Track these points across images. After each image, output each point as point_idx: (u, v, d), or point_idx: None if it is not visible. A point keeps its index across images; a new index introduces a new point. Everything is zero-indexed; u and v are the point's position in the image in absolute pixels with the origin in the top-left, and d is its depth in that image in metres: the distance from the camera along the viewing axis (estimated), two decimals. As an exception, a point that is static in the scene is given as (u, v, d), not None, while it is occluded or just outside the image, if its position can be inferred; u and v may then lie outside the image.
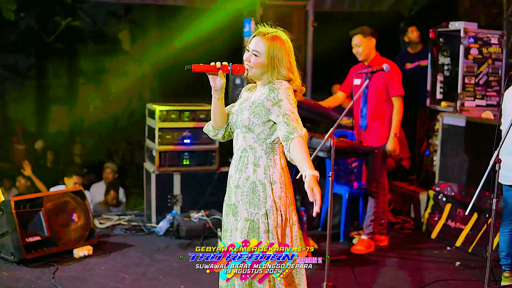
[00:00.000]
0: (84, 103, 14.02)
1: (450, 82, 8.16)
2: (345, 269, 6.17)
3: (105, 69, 13.94)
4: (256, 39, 3.86)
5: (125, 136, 13.86)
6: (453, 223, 7.19)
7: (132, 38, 13.28)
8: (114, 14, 13.39)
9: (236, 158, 3.96)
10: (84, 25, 12.78)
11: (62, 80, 13.83)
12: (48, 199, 6.47)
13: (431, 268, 6.37)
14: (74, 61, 13.79)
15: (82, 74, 13.96)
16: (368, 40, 6.73)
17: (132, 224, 7.65)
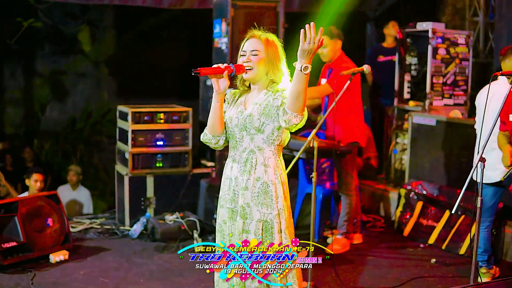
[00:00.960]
0: (41, 105, 13.82)
1: (417, 82, 8.30)
2: (324, 269, 6.20)
3: (62, 70, 13.76)
4: (252, 40, 3.90)
5: (83, 137, 13.70)
6: (425, 220, 7.31)
7: (92, 39, 13.12)
8: (71, 14, 13.22)
9: (240, 160, 3.92)
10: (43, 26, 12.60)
11: (18, 81, 13.60)
12: (23, 204, 6.37)
13: (407, 266, 6.46)
14: (30, 62, 13.57)
15: (38, 75, 13.75)
16: (334, 42, 6.78)
17: (105, 228, 7.58)
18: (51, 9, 12.42)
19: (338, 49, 6.81)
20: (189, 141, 7.66)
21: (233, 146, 3.99)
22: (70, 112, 13.96)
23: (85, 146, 13.49)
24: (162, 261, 6.50)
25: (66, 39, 13.26)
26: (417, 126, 7.80)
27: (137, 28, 12.34)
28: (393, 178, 8.57)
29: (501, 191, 5.79)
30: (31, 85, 13.73)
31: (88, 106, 13.54)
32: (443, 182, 7.44)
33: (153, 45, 12.06)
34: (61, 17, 13.03)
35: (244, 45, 3.92)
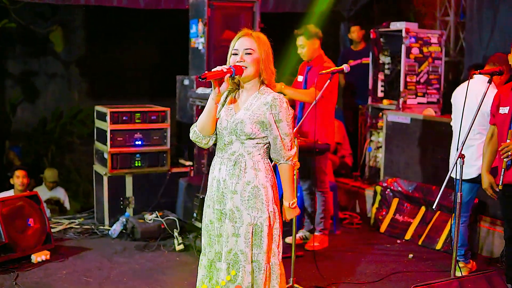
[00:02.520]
0: (12, 106, 13.73)
1: (390, 81, 8.44)
2: (304, 265, 6.30)
3: (33, 71, 13.69)
4: (244, 39, 3.90)
5: (54, 138, 13.64)
6: (401, 217, 7.44)
7: (64, 39, 13.07)
8: (41, 15, 13.15)
9: (228, 163, 3.95)
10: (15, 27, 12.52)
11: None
12: (4, 204, 6.36)
13: (386, 261, 6.58)
14: (1, 63, 13.48)
15: (9, 76, 13.66)
16: (312, 41, 6.82)
17: (84, 228, 7.59)
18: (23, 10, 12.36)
19: (316, 48, 6.85)
20: (167, 141, 7.69)
21: (221, 148, 4.00)
22: (41, 113, 13.89)
23: (57, 147, 13.43)
24: (144, 260, 6.53)
25: (38, 40, 13.19)
26: (391, 124, 7.93)
27: (109, 29, 12.31)
28: (368, 175, 8.70)
29: (476, 187, 5.92)
30: (2, 86, 13.63)
31: (59, 107, 13.47)
32: (418, 179, 7.59)
33: (125, 46, 12.05)
34: (32, 18, 12.96)
35: (236, 43, 3.90)
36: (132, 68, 11.79)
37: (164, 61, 11.20)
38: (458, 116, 5.97)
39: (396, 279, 6.06)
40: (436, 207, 4.66)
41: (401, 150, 7.83)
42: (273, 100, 3.89)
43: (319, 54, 6.88)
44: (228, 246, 3.93)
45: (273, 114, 3.88)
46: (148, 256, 6.67)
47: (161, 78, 10.64)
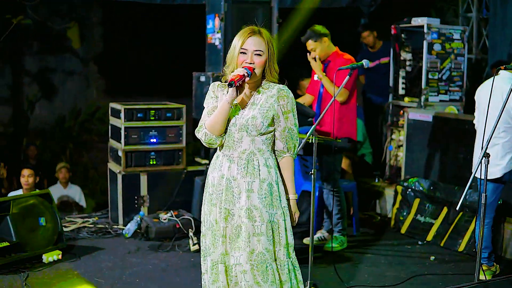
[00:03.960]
0: (30, 103, 13.69)
1: (412, 78, 8.22)
2: (323, 267, 6.13)
3: (51, 68, 13.63)
4: (255, 38, 3.79)
5: (72, 136, 13.58)
6: (422, 217, 7.24)
7: (81, 36, 12.98)
8: (58, 11, 13.09)
9: (240, 162, 3.86)
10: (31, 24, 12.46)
11: (7, 79, 13.46)
12: (15, 203, 6.25)
13: (407, 263, 6.39)
14: (19, 60, 13.43)
15: (27, 73, 13.61)
16: (321, 41, 6.67)
17: (98, 227, 7.46)
18: (39, 6, 12.29)
19: (328, 45, 6.72)
20: (183, 138, 7.55)
21: (229, 145, 3.90)
22: (59, 110, 13.83)
23: (74, 145, 13.37)
24: (158, 260, 6.39)
25: (55, 37, 13.12)
26: (412, 122, 7.73)
27: (126, 25, 12.21)
28: (388, 175, 8.50)
29: (501, 187, 5.73)
30: (19, 83, 13.60)
31: (77, 105, 13.41)
32: (440, 178, 7.38)
33: (142, 42, 11.96)
34: (49, 14, 12.89)
35: (246, 42, 3.78)
36: (150, 65, 11.68)
37: (182, 57, 11.05)
38: (482, 114, 5.76)
39: (417, 282, 5.86)
40: (459, 208, 4.48)
41: (422, 149, 7.62)
42: (280, 92, 3.86)
43: (335, 49, 6.76)
44: (250, 246, 3.81)
45: (280, 105, 3.85)
46: (162, 256, 6.53)
47: (179, 74, 10.52)
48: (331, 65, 6.67)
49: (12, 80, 13.46)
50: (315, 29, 6.71)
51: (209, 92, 3.98)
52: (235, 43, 3.82)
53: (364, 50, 9.43)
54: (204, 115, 3.95)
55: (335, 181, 6.82)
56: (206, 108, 3.96)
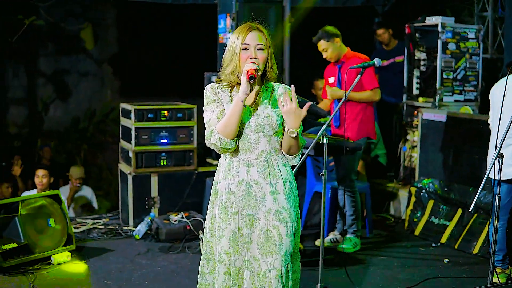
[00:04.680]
0: (44, 104, 13.70)
1: (426, 78, 8.11)
2: (335, 269, 6.03)
3: (65, 69, 13.63)
4: (254, 33, 3.68)
5: (86, 137, 13.59)
6: (436, 219, 7.12)
7: (95, 37, 12.97)
8: (71, 12, 13.09)
9: (259, 164, 3.74)
10: (44, 24, 12.46)
11: (21, 80, 13.48)
12: (24, 204, 6.21)
13: (420, 266, 6.28)
14: (33, 61, 13.45)
15: (41, 75, 13.63)
16: (333, 42, 6.60)
17: (108, 228, 7.41)
18: (53, 7, 12.29)
19: (340, 46, 6.65)
20: (194, 139, 7.48)
21: (245, 148, 3.73)
22: (73, 111, 13.84)
23: (89, 146, 13.37)
24: (167, 262, 6.32)
25: (69, 38, 13.13)
26: (427, 122, 7.62)
27: (140, 26, 12.18)
28: (402, 176, 8.39)
29: (516, 188, 5.60)
30: (34, 84, 13.62)
31: (91, 106, 13.41)
32: (455, 179, 7.25)
33: (156, 43, 11.92)
34: (63, 15, 12.90)
35: (247, 37, 3.66)
36: (164, 66, 11.64)
37: (194, 57, 11.00)
38: (496, 113, 5.64)
39: (430, 285, 5.75)
40: (473, 210, 4.38)
41: (436, 150, 7.49)
42: (285, 89, 3.81)
43: (347, 50, 6.70)
44: (283, 248, 3.72)
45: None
46: (172, 258, 6.46)
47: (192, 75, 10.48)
48: (345, 66, 6.59)
49: (27, 81, 13.49)
50: (326, 29, 6.63)
51: (208, 95, 3.80)
52: (233, 41, 3.69)
53: (378, 49, 9.33)
54: (212, 120, 3.73)
55: (351, 182, 6.78)
56: (210, 112, 3.77)
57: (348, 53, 6.68)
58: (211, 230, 3.88)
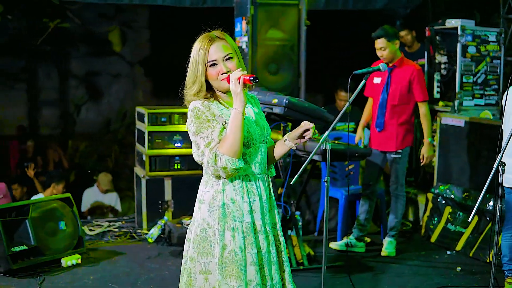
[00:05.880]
0: (76, 106, 13.85)
1: (447, 81, 7.96)
2: (342, 276, 5.95)
3: (97, 71, 13.76)
4: (218, 44, 3.38)
5: (118, 138, 13.69)
6: (453, 226, 6.99)
7: (123, 39, 13.06)
8: (104, 15, 13.20)
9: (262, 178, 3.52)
10: (73, 27, 12.58)
11: (53, 82, 13.65)
12: (34, 207, 6.26)
13: (431, 274, 6.18)
14: (65, 63, 13.60)
15: (73, 77, 13.77)
16: (393, 43, 6.53)
17: (122, 231, 7.44)
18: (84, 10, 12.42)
19: (397, 50, 6.61)
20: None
21: (257, 161, 3.47)
22: (105, 113, 13.97)
23: (120, 147, 13.47)
24: (176, 267, 6.29)
25: (99, 40, 13.25)
26: (445, 127, 7.48)
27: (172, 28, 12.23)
28: (422, 181, 8.25)
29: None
30: (66, 86, 13.77)
31: (123, 107, 13.51)
32: (472, 185, 7.10)
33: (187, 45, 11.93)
34: (94, 18, 13.02)
35: (210, 51, 3.37)
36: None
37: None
38: (508, 118, 5.52)
39: (438, 294, 5.66)
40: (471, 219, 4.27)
41: (455, 155, 7.35)
42: (254, 97, 3.70)
43: (401, 55, 6.67)
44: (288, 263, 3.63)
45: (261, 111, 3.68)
46: (182, 262, 6.42)
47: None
48: (396, 70, 6.59)
49: (59, 83, 13.65)
50: (389, 29, 6.58)
51: (199, 115, 3.34)
52: (195, 60, 3.39)
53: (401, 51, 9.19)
54: (214, 142, 3.29)
55: (402, 186, 6.78)
56: (207, 134, 3.31)
57: (402, 59, 6.66)
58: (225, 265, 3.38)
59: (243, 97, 3.29)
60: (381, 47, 6.53)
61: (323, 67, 8.31)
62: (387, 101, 6.61)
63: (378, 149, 6.74)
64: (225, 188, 3.40)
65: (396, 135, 6.63)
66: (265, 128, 3.55)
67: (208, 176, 3.49)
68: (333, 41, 10.23)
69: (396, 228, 6.82)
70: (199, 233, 3.44)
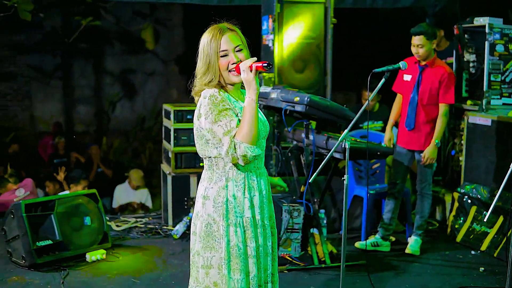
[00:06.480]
0: (110, 103, 14.01)
1: (475, 80, 7.87)
2: (363, 275, 5.94)
3: (131, 68, 13.90)
4: (227, 36, 3.46)
5: (152, 136, 13.81)
6: (478, 226, 6.93)
7: (156, 37, 13.17)
8: (139, 13, 13.34)
9: (264, 173, 3.64)
10: (106, 25, 12.73)
11: (88, 79, 13.82)
12: (60, 202, 6.36)
13: (453, 274, 6.13)
14: (99, 60, 13.77)
15: (108, 74, 13.93)
16: (431, 42, 6.49)
17: (148, 227, 7.51)
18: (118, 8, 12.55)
19: (433, 49, 6.58)
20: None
21: (260, 157, 3.58)
22: (139, 110, 14.11)
23: (154, 144, 13.59)
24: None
25: (133, 38, 13.38)
26: (472, 126, 7.41)
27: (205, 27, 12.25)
28: (450, 180, 8.19)
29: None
30: (100, 83, 13.94)
31: (157, 104, 13.63)
32: (499, 185, 7.01)
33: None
34: (128, 16, 13.16)
35: (222, 42, 3.44)
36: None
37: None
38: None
39: (458, 295, 5.62)
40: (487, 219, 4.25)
41: (481, 155, 7.27)
42: None
43: (434, 55, 6.63)
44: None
45: None
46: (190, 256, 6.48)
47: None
48: (427, 70, 6.56)
49: (94, 80, 13.82)
50: (430, 27, 6.55)
51: (217, 103, 3.37)
52: (207, 50, 3.46)
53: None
54: (232, 131, 3.35)
55: (429, 185, 6.76)
56: (226, 122, 3.35)
57: (435, 59, 6.61)
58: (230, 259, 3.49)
59: (256, 84, 3.34)
60: (418, 44, 6.48)
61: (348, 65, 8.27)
62: (417, 100, 6.57)
63: (405, 148, 6.71)
64: (228, 185, 3.48)
65: (424, 134, 6.59)
66: (266, 123, 3.61)
67: (212, 171, 3.56)
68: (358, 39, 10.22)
69: (422, 227, 6.78)
70: (204, 228, 3.51)
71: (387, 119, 7.08)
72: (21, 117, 13.37)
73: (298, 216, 6.13)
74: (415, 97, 6.57)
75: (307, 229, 6.27)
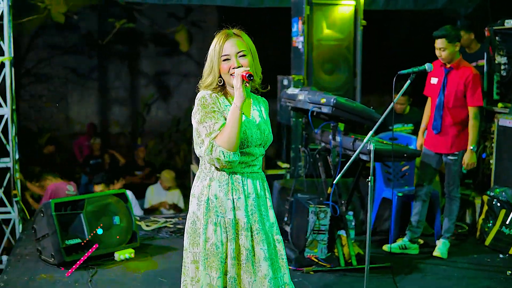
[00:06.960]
0: (145, 105, 14.12)
1: (507, 82, 7.81)
2: (388, 277, 5.93)
3: (166, 70, 14.00)
4: (233, 40, 3.56)
5: (187, 137, 13.89)
6: (507, 229, 6.87)
7: (189, 39, 13.25)
8: (174, 15, 13.44)
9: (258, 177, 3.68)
10: (141, 27, 12.85)
11: (123, 81, 13.96)
12: (89, 201, 6.46)
13: (479, 277, 6.09)
14: (134, 62, 13.90)
15: (142, 75, 14.06)
16: (453, 44, 6.44)
17: (177, 227, 7.58)
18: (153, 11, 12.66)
19: (457, 52, 6.53)
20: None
21: (248, 162, 3.61)
22: (174, 112, 14.20)
23: (188, 146, 13.67)
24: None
25: (168, 40, 13.48)
26: (503, 129, 7.35)
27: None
28: (481, 183, 8.13)
29: None
30: (135, 85, 14.06)
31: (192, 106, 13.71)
32: (529, 189, 6.98)
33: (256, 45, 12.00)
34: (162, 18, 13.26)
35: (225, 47, 3.56)
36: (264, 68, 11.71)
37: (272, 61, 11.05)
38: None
39: (484, 298, 5.59)
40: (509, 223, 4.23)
41: (511, 157, 7.22)
42: (265, 104, 3.82)
43: (459, 57, 6.59)
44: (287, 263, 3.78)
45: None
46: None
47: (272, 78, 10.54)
48: (453, 72, 6.52)
49: (130, 81, 13.96)
50: (452, 30, 6.49)
51: (206, 105, 3.53)
52: (212, 53, 3.59)
53: (461, 52, 9.06)
54: (214, 133, 3.46)
55: (458, 188, 6.72)
56: (210, 124, 3.48)
57: (460, 61, 6.56)
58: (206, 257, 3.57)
59: (242, 92, 3.45)
60: (440, 47, 6.45)
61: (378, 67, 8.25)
62: (443, 103, 6.55)
63: (433, 151, 6.68)
64: (211, 184, 3.58)
65: (451, 137, 6.55)
66: (265, 133, 3.66)
67: (201, 170, 3.66)
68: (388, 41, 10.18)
69: (451, 230, 6.75)
70: (190, 224, 3.65)
71: (417, 122, 7.06)
72: (56, 118, 13.55)
73: (324, 217, 6.14)
74: (442, 100, 6.54)
75: (334, 231, 6.28)
